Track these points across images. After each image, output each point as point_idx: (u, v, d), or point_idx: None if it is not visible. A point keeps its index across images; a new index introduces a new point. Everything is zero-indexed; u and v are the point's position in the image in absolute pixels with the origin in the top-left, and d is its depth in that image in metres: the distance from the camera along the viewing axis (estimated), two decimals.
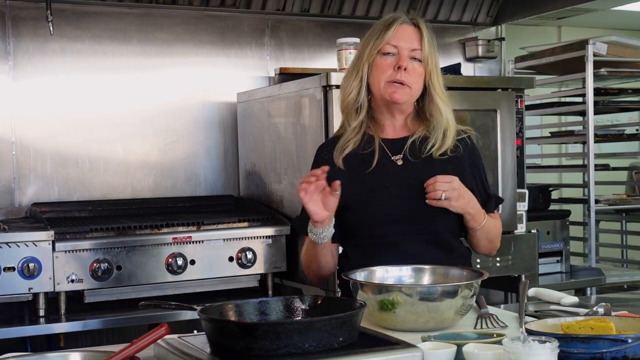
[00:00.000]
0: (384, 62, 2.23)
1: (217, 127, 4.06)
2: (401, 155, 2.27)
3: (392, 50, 2.23)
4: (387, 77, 2.22)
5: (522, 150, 3.66)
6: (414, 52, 2.23)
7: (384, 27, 2.24)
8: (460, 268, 2.13)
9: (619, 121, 5.75)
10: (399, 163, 2.27)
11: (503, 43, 4.77)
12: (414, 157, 2.27)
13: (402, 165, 2.27)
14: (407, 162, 2.27)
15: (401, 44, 2.23)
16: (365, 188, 2.24)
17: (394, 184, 2.24)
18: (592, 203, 4.35)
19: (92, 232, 3.14)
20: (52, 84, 3.74)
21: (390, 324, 1.90)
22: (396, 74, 2.21)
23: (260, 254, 3.37)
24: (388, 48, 2.23)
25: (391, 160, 2.27)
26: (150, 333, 1.55)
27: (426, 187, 2.17)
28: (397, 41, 2.23)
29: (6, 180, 3.66)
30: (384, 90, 2.23)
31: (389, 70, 2.22)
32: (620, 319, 1.79)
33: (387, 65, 2.23)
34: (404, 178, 2.24)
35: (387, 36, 2.22)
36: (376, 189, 2.23)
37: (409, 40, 2.23)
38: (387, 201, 2.21)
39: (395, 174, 2.25)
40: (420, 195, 2.21)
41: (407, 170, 2.26)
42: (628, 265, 5.28)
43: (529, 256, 3.67)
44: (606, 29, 6.00)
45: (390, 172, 2.26)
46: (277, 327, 1.52)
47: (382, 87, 2.23)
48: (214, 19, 4.06)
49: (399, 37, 2.23)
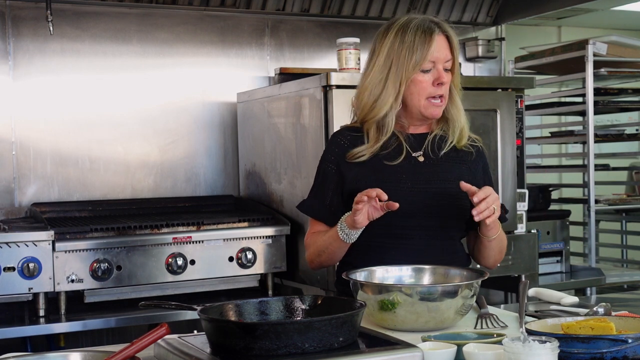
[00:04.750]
0: (424, 79, 2.20)
1: (217, 127, 4.06)
2: (422, 152, 2.28)
3: (431, 67, 2.20)
4: (427, 94, 2.20)
5: (522, 150, 3.66)
6: (447, 63, 2.22)
7: (422, 43, 2.17)
8: (460, 268, 2.13)
9: (619, 121, 5.75)
10: (420, 160, 2.27)
11: (503, 43, 4.77)
12: (433, 154, 2.28)
13: (422, 162, 2.27)
14: (427, 159, 2.27)
15: (438, 57, 2.20)
16: (381, 178, 2.23)
17: (412, 178, 2.24)
18: (592, 203, 4.35)
19: (92, 232, 3.14)
20: (52, 84, 3.74)
21: (390, 324, 1.90)
22: (437, 90, 2.20)
23: (260, 254, 3.37)
24: (428, 65, 2.20)
25: (412, 156, 2.27)
26: (150, 333, 1.55)
27: (476, 203, 2.06)
28: (435, 57, 2.19)
29: (6, 180, 3.66)
30: (425, 108, 2.22)
31: (429, 87, 2.20)
32: (620, 319, 1.79)
33: (427, 83, 2.20)
34: (423, 174, 2.25)
35: (429, 54, 2.17)
36: (391, 181, 2.23)
37: (444, 52, 2.20)
38: (400, 194, 2.20)
39: (414, 169, 2.25)
40: (437, 191, 2.23)
41: (426, 166, 2.26)
42: (628, 265, 5.28)
43: (529, 256, 3.67)
44: (606, 29, 6.00)
45: (409, 167, 2.25)
46: (277, 327, 1.52)
47: (423, 105, 2.22)
48: (214, 19, 4.06)
49: (436, 52, 2.19)
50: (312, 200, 2.35)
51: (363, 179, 2.23)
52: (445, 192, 2.23)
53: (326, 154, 2.34)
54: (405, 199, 2.18)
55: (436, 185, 2.24)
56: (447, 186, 2.24)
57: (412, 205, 2.20)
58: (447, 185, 2.24)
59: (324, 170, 2.33)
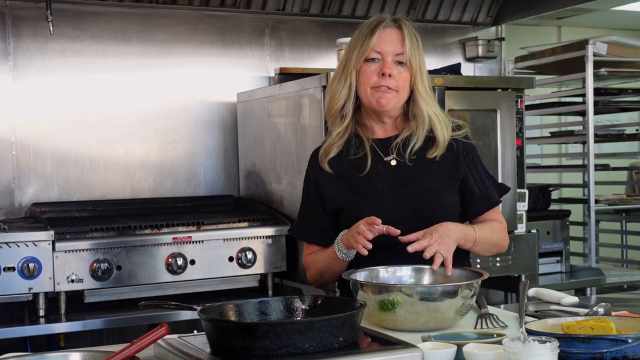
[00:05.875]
0: (368, 68, 2.22)
1: (217, 127, 4.06)
2: (394, 155, 2.26)
3: (377, 56, 2.22)
4: (372, 83, 2.21)
5: (522, 150, 3.66)
6: (397, 56, 2.22)
7: (368, 33, 2.22)
8: (460, 268, 2.13)
9: (619, 121, 5.75)
10: (393, 163, 2.26)
11: (503, 43, 4.77)
12: (405, 156, 2.25)
13: (396, 166, 2.26)
14: (400, 162, 2.26)
15: (385, 49, 2.21)
16: (357, 191, 2.24)
17: (388, 185, 2.23)
18: (592, 203, 4.35)
19: (92, 232, 3.14)
20: (52, 84, 3.74)
21: (390, 324, 1.90)
22: (381, 80, 2.20)
23: (260, 254, 3.37)
24: (372, 54, 2.21)
25: (384, 162, 2.27)
26: (150, 333, 1.55)
27: (425, 254, 2.06)
28: (380, 47, 2.21)
29: (6, 180, 3.66)
30: (371, 97, 2.22)
31: (373, 77, 2.21)
32: (620, 319, 1.80)
33: (371, 72, 2.21)
34: (398, 178, 2.24)
35: (371, 42, 2.20)
36: (368, 192, 2.22)
37: (393, 45, 2.21)
38: (380, 203, 2.20)
39: (389, 175, 2.24)
40: (415, 195, 2.21)
41: (400, 170, 2.25)
42: (628, 265, 5.28)
43: (529, 256, 3.67)
44: (606, 29, 6.00)
45: (382, 173, 2.25)
46: (277, 327, 1.52)
47: (369, 94, 2.22)
48: (214, 19, 4.06)
49: (382, 42, 2.21)
50: (302, 224, 2.38)
51: (341, 195, 2.24)
52: (426, 192, 2.22)
53: (307, 176, 2.36)
54: (387, 208, 2.19)
55: (415, 187, 2.22)
56: (427, 186, 2.23)
57: (396, 212, 2.19)
58: (428, 185, 2.23)
59: (306, 192, 2.35)
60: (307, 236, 2.37)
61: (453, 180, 2.26)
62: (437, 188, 2.22)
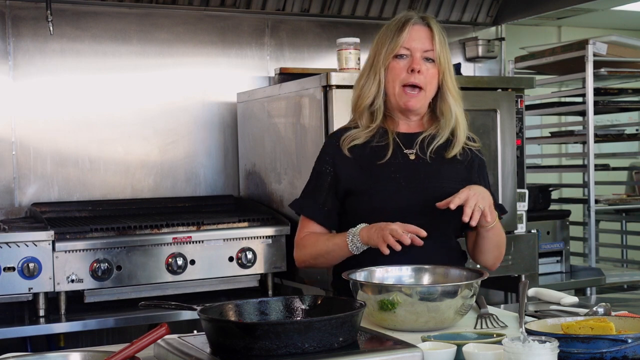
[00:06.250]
0: (397, 65, 2.25)
1: (217, 127, 4.06)
2: (414, 150, 2.29)
3: (406, 53, 2.25)
4: (401, 80, 2.24)
5: (522, 150, 3.66)
6: (426, 52, 2.25)
7: (397, 29, 2.25)
8: (460, 268, 2.13)
9: (619, 121, 5.75)
10: (412, 157, 2.28)
11: (503, 43, 4.77)
12: (425, 153, 2.28)
13: (415, 160, 2.28)
14: (419, 157, 2.28)
15: (414, 46, 2.24)
16: (373, 178, 2.25)
17: (404, 176, 2.25)
18: (592, 203, 4.35)
19: (92, 232, 3.14)
20: (52, 84, 3.74)
21: (390, 324, 1.90)
22: (410, 77, 2.23)
23: (260, 254, 3.37)
24: (401, 51, 2.24)
25: (403, 154, 2.29)
26: (150, 333, 1.55)
27: (465, 208, 2.09)
28: (409, 43, 2.24)
29: (6, 180, 3.66)
30: (399, 97, 2.25)
31: (402, 73, 2.24)
32: (620, 319, 1.80)
33: (400, 68, 2.24)
34: (415, 172, 2.26)
35: (400, 39, 2.24)
36: (385, 180, 2.24)
37: (421, 42, 2.25)
38: (396, 192, 2.23)
39: (406, 167, 2.27)
40: (429, 189, 2.23)
41: (418, 165, 2.27)
42: (628, 265, 5.28)
43: (529, 256, 3.67)
44: (606, 29, 6.00)
45: (401, 165, 2.27)
46: (277, 327, 1.52)
47: (397, 93, 2.25)
48: (214, 19, 4.06)
49: (411, 38, 2.24)
50: (306, 200, 2.36)
51: (357, 177, 2.26)
52: (440, 191, 2.23)
53: (322, 154, 2.36)
54: (401, 198, 2.21)
55: (430, 183, 2.25)
56: (442, 185, 2.25)
57: (407, 203, 2.22)
58: (442, 184, 2.25)
59: (319, 171, 2.34)
60: (309, 212, 2.34)
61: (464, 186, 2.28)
62: (450, 189, 2.23)
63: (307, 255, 2.33)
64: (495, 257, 2.34)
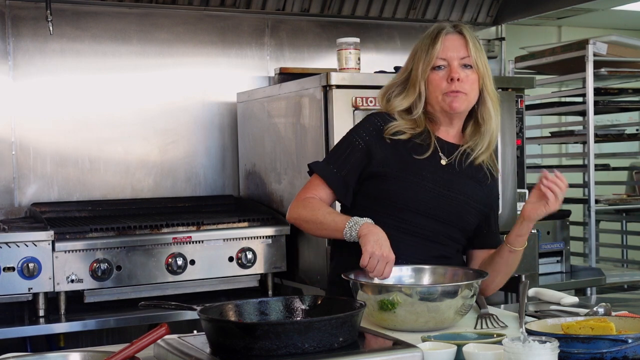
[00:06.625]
0: (436, 76, 2.25)
1: (217, 127, 4.06)
2: (447, 158, 2.29)
3: (443, 63, 2.25)
4: (442, 89, 2.24)
5: (522, 150, 3.66)
6: (463, 60, 2.25)
7: (431, 42, 2.26)
8: (460, 268, 2.13)
9: (619, 121, 5.74)
10: (443, 163, 2.29)
11: (503, 43, 4.77)
12: (457, 164, 2.29)
13: (445, 166, 2.28)
14: (450, 166, 2.29)
15: (449, 55, 2.24)
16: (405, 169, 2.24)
17: (433, 179, 2.25)
18: (592, 203, 4.35)
19: (92, 232, 3.14)
20: (52, 84, 3.74)
21: (390, 324, 1.90)
22: (450, 86, 2.23)
23: (260, 254, 3.37)
24: (438, 62, 2.25)
25: (438, 157, 2.29)
26: (150, 333, 1.55)
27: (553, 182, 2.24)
28: (445, 53, 2.24)
29: (6, 180, 3.66)
30: (442, 102, 2.25)
31: (443, 83, 2.24)
32: (620, 319, 1.80)
33: (440, 79, 2.24)
34: (443, 178, 2.26)
35: (435, 51, 2.24)
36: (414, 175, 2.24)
37: (457, 50, 2.25)
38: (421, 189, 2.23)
39: (436, 171, 2.27)
40: (451, 199, 2.24)
41: (447, 172, 2.28)
42: (628, 265, 5.28)
43: (529, 256, 3.67)
44: (606, 29, 5.99)
45: (432, 167, 2.27)
46: (277, 327, 1.52)
47: (440, 100, 2.25)
48: (214, 19, 4.06)
49: (446, 48, 2.24)
50: (327, 165, 2.32)
51: (389, 162, 2.24)
52: (459, 202, 2.26)
53: (359, 128, 2.33)
54: (423, 198, 2.22)
55: (453, 193, 2.26)
56: (462, 198, 2.27)
57: (427, 205, 2.23)
58: (463, 197, 2.27)
59: (351, 142, 2.30)
60: (327, 175, 2.30)
61: (483, 205, 2.33)
62: (471, 204, 2.28)
63: (302, 215, 2.29)
64: (502, 280, 2.33)
